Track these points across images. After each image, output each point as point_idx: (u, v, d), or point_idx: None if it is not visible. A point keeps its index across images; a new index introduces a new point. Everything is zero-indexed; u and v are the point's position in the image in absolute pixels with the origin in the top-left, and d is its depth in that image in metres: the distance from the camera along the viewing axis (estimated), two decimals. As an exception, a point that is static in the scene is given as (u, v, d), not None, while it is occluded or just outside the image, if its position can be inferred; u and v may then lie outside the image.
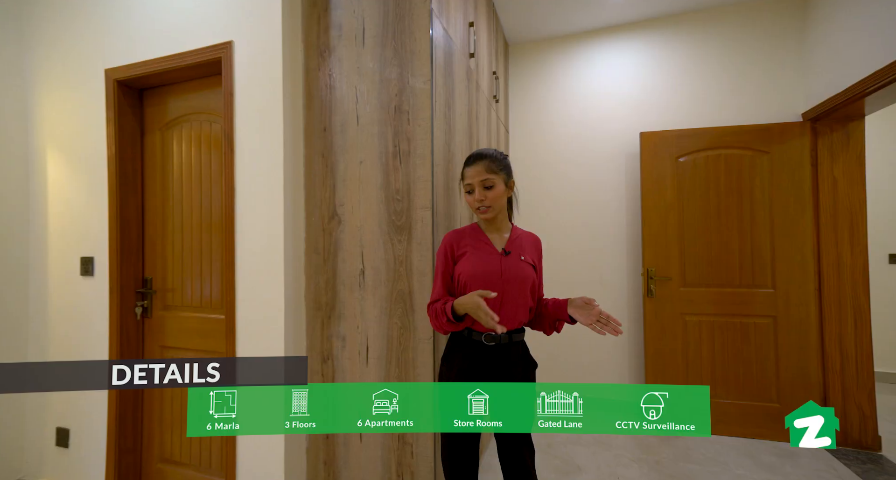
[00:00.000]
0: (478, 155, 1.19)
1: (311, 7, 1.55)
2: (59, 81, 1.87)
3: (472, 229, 1.25)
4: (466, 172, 1.19)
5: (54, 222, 1.88)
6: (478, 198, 1.17)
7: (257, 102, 1.51)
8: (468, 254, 1.19)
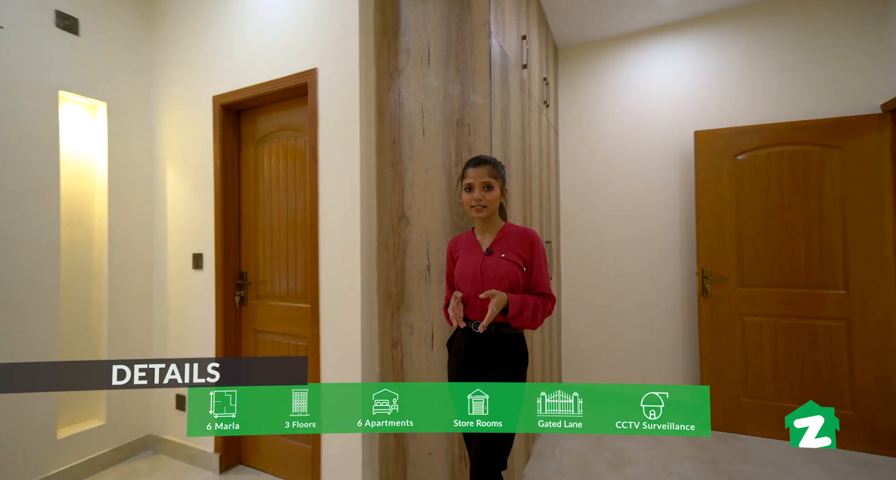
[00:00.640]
0: (482, 159, 1.29)
1: (382, 35, 1.77)
2: (176, 105, 2.25)
3: (468, 235, 1.37)
4: (469, 173, 1.29)
5: (172, 224, 2.26)
6: (476, 197, 1.26)
7: (337, 119, 1.75)
8: (460, 257, 1.34)
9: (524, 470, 1.98)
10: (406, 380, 1.69)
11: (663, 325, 2.74)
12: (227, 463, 2.05)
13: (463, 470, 1.57)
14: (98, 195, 2.18)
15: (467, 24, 1.58)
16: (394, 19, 1.75)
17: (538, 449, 2.21)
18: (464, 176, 1.31)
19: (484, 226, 1.34)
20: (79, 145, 2.14)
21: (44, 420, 1.86)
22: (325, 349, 1.77)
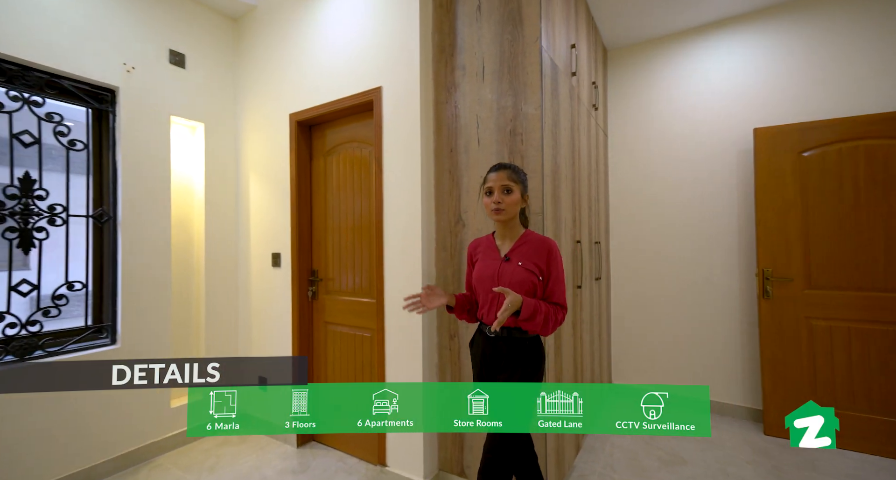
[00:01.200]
0: (503, 165, 1.36)
1: (440, 53, 1.95)
2: (258, 123, 2.58)
3: (488, 239, 1.44)
4: (490, 177, 1.35)
5: (254, 227, 2.60)
6: (495, 200, 1.31)
7: (399, 131, 1.95)
8: (479, 260, 1.42)
9: (574, 462, 2.06)
10: (462, 369, 1.85)
11: (720, 327, 2.68)
12: (302, 439, 2.33)
13: (516, 455, 1.70)
14: (196, 202, 2.56)
15: (519, 41, 1.72)
16: (451, 38, 1.92)
17: (588, 443, 2.27)
18: (485, 181, 1.37)
19: (504, 231, 1.39)
20: (182, 160, 2.53)
21: (160, 393, 2.24)
22: (388, 341, 1.97)
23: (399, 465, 1.91)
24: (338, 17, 2.17)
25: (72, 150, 2.01)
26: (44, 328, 1.90)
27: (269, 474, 2.04)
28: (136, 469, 2.09)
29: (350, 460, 2.14)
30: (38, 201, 1.88)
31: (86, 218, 2.09)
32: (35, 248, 1.86)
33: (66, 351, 1.94)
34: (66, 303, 1.96)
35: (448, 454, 1.90)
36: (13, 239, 1.81)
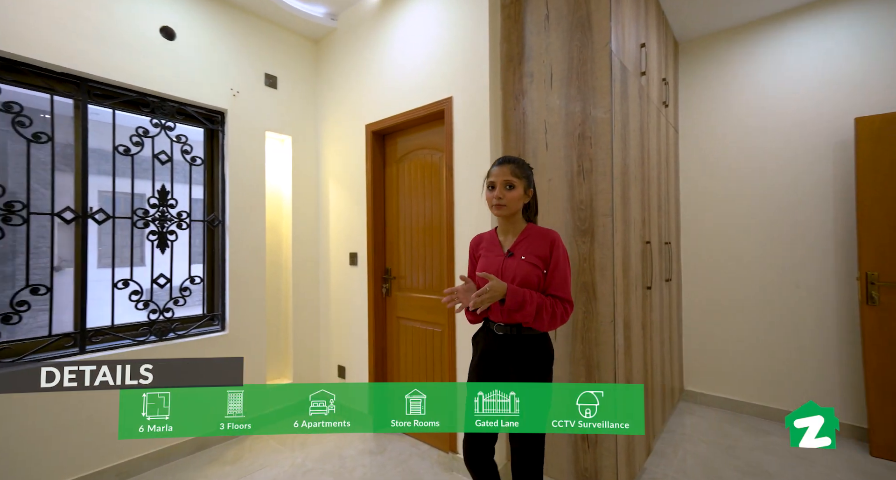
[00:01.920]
0: (506, 159, 1.35)
1: (508, 62, 2.06)
2: (337, 133, 2.87)
3: (490, 235, 1.45)
4: (493, 171, 1.34)
5: (333, 229, 2.90)
6: (497, 195, 1.31)
7: (469, 138, 2.09)
8: (482, 256, 1.41)
9: (644, 465, 2.07)
10: (531, 365, 1.95)
11: (813, 335, 2.50)
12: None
13: (587, 451, 1.77)
14: (285, 206, 2.91)
15: (588, 47, 1.78)
16: (518, 47, 2.02)
17: (658, 448, 2.26)
18: (488, 175, 1.37)
19: (506, 226, 1.39)
20: (273, 169, 2.90)
21: (258, 373, 2.60)
22: (459, 336, 2.13)
23: (469, 453, 2.06)
24: (410, 33, 2.37)
25: (193, 165, 2.41)
26: (174, 315, 2.31)
27: (351, 453, 2.29)
28: (241, 438, 2.45)
29: (422, 446, 2.33)
30: (171, 209, 2.29)
31: (202, 223, 2.49)
32: (168, 247, 2.27)
33: (191, 335, 2.34)
34: (190, 294, 2.36)
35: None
36: (154, 241, 2.22)
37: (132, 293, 2.16)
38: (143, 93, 2.18)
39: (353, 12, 2.73)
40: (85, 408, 1.91)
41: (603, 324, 1.73)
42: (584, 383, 1.31)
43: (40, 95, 1.91)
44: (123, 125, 2.18)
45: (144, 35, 2.15)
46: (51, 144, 1.91)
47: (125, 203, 2.26)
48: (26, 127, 1.82)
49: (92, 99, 2.03)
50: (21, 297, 1.80)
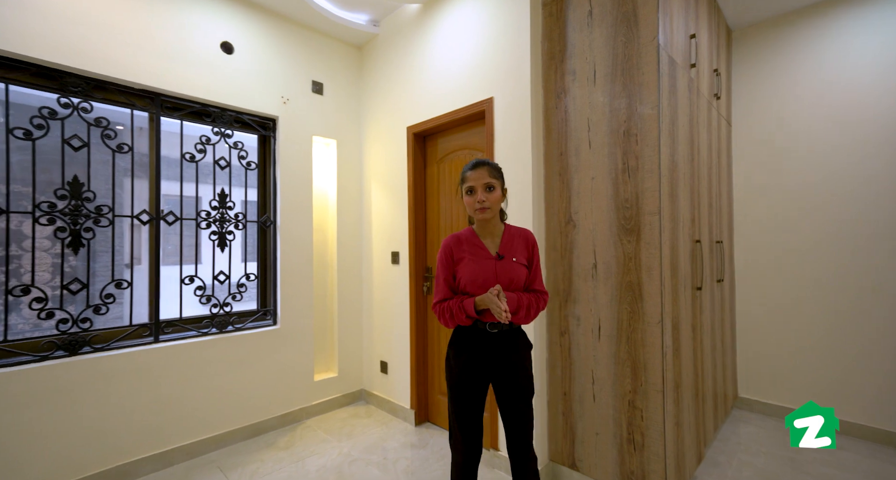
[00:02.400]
0: (481, 162, 1.38)
1: (549, 60, 2.08)
2: (379, 136, 2.99)
3: (469, 234, 1.43)
4: (469, 176, 1.37)
5: (376, 228, 3.02)
6: (479, 199, 1.35)
7: (509, 137, 2.13)
8: (466, 259, 1.38)
9: (695, 473, 2.01)
10: (573, 365, 1.96)
11: (880, 339, 2.32)
12: (419, 419, 2.66)
13: (632, 454, 1.76)
14: (330, 207, 3.07)
15: (634, 42, 1.76)
16: (560, 45, 2.03)
17: (711, 456, 2.19)
18: (464, 180, 1.39)
19: (485, 227, 1.42)
20: (319, 171, 3.06)
21: (306, 368, 2.76)
22: (500, 333, 2.16)
23: (511, 450, 2.09)
24: (450, 36, 2.43)
25: (248, 169, 2.60)
26: (232, 310, 2.51)
27: (394, 445, 2.38)
28: (293, 427, 2.62)
29: (463, 441, 2.39)
30: (229, 211, 2.49)
31: (256, 223, 2.68)
32: (227, 247, 2.47)
33: (247, 328, 2.53)
34: (246, 290, 2.55)
35: (559, 446, 2.02)
36: (215, 240, 2.43)
37: (197, 289, 2.37)
38: (206, 104, 2.38)
39: (394, 18, 2.83)
40: (162, 390, 2.13)
41: (650, 325, 1.71)
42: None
43: (115, 108, 2.15)
44: (188, 134, 2.39)
45: (207, 50, 2.36)
46: (131, 153, 2.14)
47: (190, 206, 2.48)
48: (112, 139, 2.06)
49: (164, 112, 2.25)
50: (108, 290, 2.04)
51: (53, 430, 1.83)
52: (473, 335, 1.40)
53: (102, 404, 1.96)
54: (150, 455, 2.10)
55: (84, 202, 1.98)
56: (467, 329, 1.41)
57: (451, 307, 1.36)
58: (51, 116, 1.89)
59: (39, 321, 1.98)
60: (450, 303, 1.38)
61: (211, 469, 2.14)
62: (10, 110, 1.88)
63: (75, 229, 1.96)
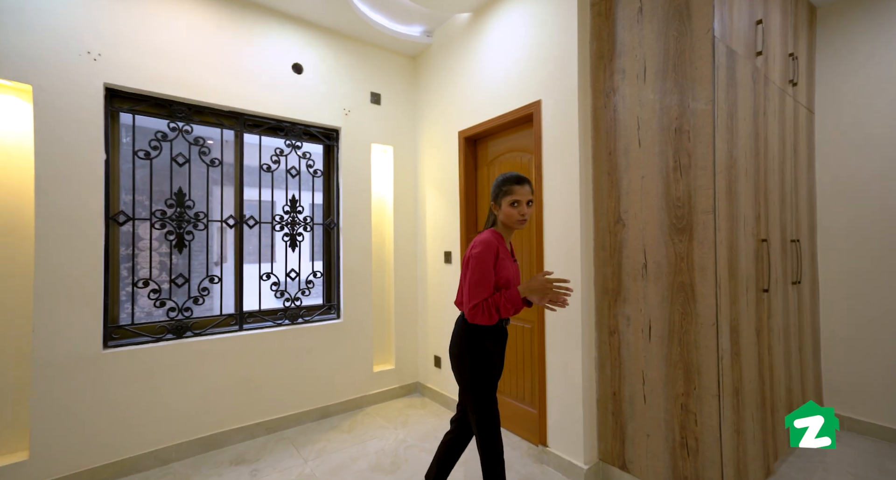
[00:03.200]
0: (524, 179, 1.54)
1: (598, 60, 2.11)
2: (432, 141, 3.18)
3: (499, 240, 1.54)
4: (517, 190, 1.51)
5: (430, 229, 3.21)
6: (523, 212, 1.52)
7: (558, 139, 2.19)
8: (503, 260, 1.52)
9: (760, 485, 1.93)
10: (623, 364, 1.98)
11: None
12: (470, 412, 2.80)
13: (686, 459, 1.74)
14: (387, 209, 3.32)
15: (687, 36, 1.75)
16: (609, 44, 2.05)
17: (784, 471, 2.07)
18: (510, 192, 1.52)
19: (510, 235, 1.62)
20: (377, 176, 3.33)
21: (366, 359, 3.03)
22: (548, 333, 2.23)
23: (559, 448, 2.15)
24: (499, 42, 2.54)
25: (315, 177, 2.92)
26: (302, 303, 2.84)
27: (446, 435, 2.54)
28: (354, 413, 2.89)
29: (513, 437, 2.49)
30: (299, 215, 2.82)
31: (322, 226, 2.99)
32: (297, 247, 2.80)
33: (314, 321, 2.84)
34: (314, 286, 2.87)
35: (608, 446, 2.04)
36: (287, 241, 2.77)
37: (272, 284, 2.72)
38: (280, 120, 2.73)
39: (446, 28, 3.00)
40: (246, 371, 2.49)
41: (703, 327, 1.69)
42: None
43: (208, 128, 2.55)
44: (265, 145, 2.75)
45: (281, 73, 2.70)
46: (221, 167, 2.53)
47: (266, 210, 2.84)
48: (206, 155, 2.45)
49: (246, 129, 2.62)
50: (203, 284, 2.44)
51: (164, 400, 2.23)
52: (494, 331, 1.57)
53: (201, 381, 2.35)
54: (237, 427, 2.46)
55: (186, 210, 2.39)
56: (489, 330, 1.54)
57: (497, 302, 1.44)
58: (163, 138, 2.31)
59: (152, 309, 2.42)
60: (494, 298, 1.45)
61: (286, 444, 2.46)
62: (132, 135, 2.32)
63: (180, 232, 2.37)
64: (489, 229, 1.59)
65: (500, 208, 1.56)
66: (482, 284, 1.46)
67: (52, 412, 1.93)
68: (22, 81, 1.88)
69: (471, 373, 1.54)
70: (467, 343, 1.54)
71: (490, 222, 1.64)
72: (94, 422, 2.03)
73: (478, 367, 1.54)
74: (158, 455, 2.20)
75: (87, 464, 2.01)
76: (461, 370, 1.57)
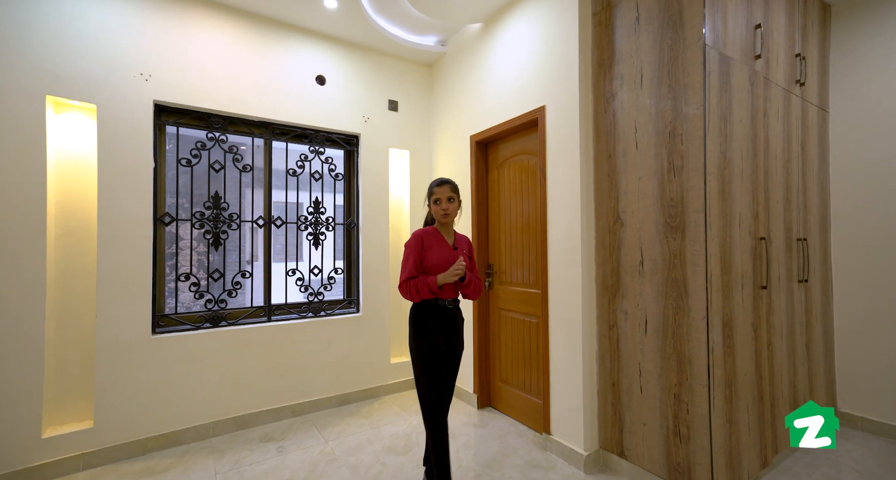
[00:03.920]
0: (444, 181, 1.88)
1: (598, 67, 2.23)
2: (446, 145, 3.37)
3: (433, 232, 1.88)
4: (437, 190, 1.86)
5: (443, 229, 3.39)
6: (444, 208, 1.85)
7: (561, 142, 2.32)
8: (434, 248, 1.83)
9: (757, 475, 2.00)
10: (621, 357, 2.10)
11: None
12: (481, 403, 2.97)
13: (678, 446, 1.85)
14: (404, 210, 3.53)
15: (679, 44, 1.86)
16: (609, 52, 2.18)
17: (786, 465, 2.13)
18: (432, 193, 1.88)
19: (445, 228, 1.93)
20: (394, 178, 3.54)
21: (384, 350, 3.25)
22: (552, 327, 2.37)
23: (562, 436, 2.29)
24: (507, 50, 2.70)
25: (336, 180, 3.17)
26: (324, 298, 3.09)
27: (458, 424, 2.73)
28: (372, 401, 3.12)
29: (520, 426, 2.64)
30: (322, 216, 3.07)
31: (343, 226, 3.24)
32: (320, 245, 3.06)
33: (335, 314, 3.09)
34: (335, 282, 3.11)
35: (608, 434, 2.17)
36: (311, 240, 3.03)
37: (297, 280, 2.98)
38: (305, 128, 2.99)
39: (459, 37, 3.18)
40: (274, 359, 2.76)
41: (695, 320, 1.79)
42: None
43: (240, 137, 2.83)
44: (291, 151, 3.02)
45: (306, 85, 2.96)
46: (252, 172, 2.81)
47: (292, 211, 3.11)
48: (239, 162, 2.74)
49: (274, 137, 2.90)
50: (236, 279, 2.72)
51: (203, 381, 2.52)
52: (434, 310, 1.82)
53: (234, 365, 2.63)
54: (266, 409, 2.73)
55: (222, 211, 2.68)
56: (427, 307, 1.82)
57: (417, 284, 1.76)
58: (202, 147, 2.61)
59: (192, 301, 2.72)
60: (416, 281, 1.77)
61: (308, 426, 2.70)
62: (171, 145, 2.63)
63: (216, 231, 2.66)
64: (430, 226, 1.94)
65: (430, 208, 1.92)
66: (404, 268, 1.83)
67: (112, 388, 2.24)
68: (89, 101, 2.21)
69: (414, 350, 1.83)
70: (411, 322, 1.86)
71: (428, 220, 2.00)
72: (145, 398, 2.34)
73: (418, 344, 1.81)
74: (198, 430, 2.49)
75: (140, 434, 2.32)
76: (409, 347, 1.87)
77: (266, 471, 2.17)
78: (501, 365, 2.91)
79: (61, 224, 2.25)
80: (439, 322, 1.83)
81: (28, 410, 2.04)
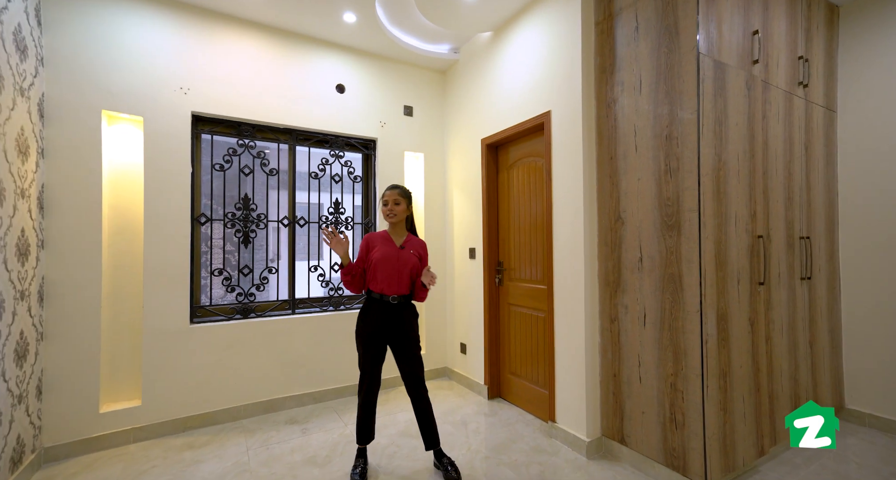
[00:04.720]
0: (395, 186, 2.12)
1: (601, 73, 2.36)
2: (458, 148, 3.54)
3: (383, 235, 2.13)
4: (386, 194, 2.10)
5: (457, 227, 3.57)
6: (390, 209, 2.08)
7: (565, 145, 2.46)
8: (378, 247, 2.06)
9: (754, 463, 2.10)
10: (622, 349, 2.23)
11: None
12: (491, 394, 3.13)
13: (674, 432, 1.97)
14: (418, 210, 3.73)
15: (675, 52, 1.98)
16: (610, 59, 2.31)
17: (785, 456, 2.21)
18: (383, 196, 2.12)
19: (395, 230, 2.15)
20: (409, 180, 3.74)
21: (399, 342, 3.44)
22: (557, 321, 2.52)
23: (566, 424, 2.43)
24: (516, 57, 2.85)
25: (355, 182, 3.39)
26: (344, 293, 3.31)
27: (469, 412, 2.90)
28: (387, 390, 3.31)
29: (527, 415, 2.79)
30: (342, 216, 3.29)
31: (361, 225, 3.45)
32: (340, 243, 3.28)
33: (355, 308, 3.31)
34: (354, 278, 3.33)
35: (609, 423, 2.30)
36: (332, 238, 3.25)
37: (318, 276, 3.21)
38: (326, 133, 3.21)
39: (471, 45, 3.35)
40: (298, 349, 2.99)
41: (689, 314, 1.91)
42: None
43: (267, 143, 3.08)
44: (313, 155, 3.25)
45: (326, 93, 3.18)
46: (277, 176, 3.06)
47: (314, 212, 3.35)
48: (266, 166, 2.98)
49: (298, 142, 3.13)
50: (263, 274, 2.97)
51: (235, 368, 2.77)
52: (379, 305, 2.05)
53: (262, 354, 2.87)
54: (290, 395, 2.97)
55: (251, 212, 2.92)
56: (375, 302, 2.06)
57: (353, 269, 2.05)
58: (233, 153, 2.86)
59: (223, 294, 2.99)
60: (355, 266, 2.06)
61: (329, 411, 2.92)
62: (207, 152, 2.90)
63: (245, 230, 2.91)
64: (383, 230, 2.20)
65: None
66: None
67: (156, 371, 2.51)
68: (137, 114, 2.49)
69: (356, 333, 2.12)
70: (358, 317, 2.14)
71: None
72: (185, 381, 2.60)
73: (357, 328, 2.10)
74: (231, 412, 2.74)
75: (181, 413, 2.58)
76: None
77: (292, 449, 2.39)
78: (511, 358, 3.06)
79: (113, 224, 2.53)
80: (383, 315, 2.05)
81: (88, 388, 2.33)
